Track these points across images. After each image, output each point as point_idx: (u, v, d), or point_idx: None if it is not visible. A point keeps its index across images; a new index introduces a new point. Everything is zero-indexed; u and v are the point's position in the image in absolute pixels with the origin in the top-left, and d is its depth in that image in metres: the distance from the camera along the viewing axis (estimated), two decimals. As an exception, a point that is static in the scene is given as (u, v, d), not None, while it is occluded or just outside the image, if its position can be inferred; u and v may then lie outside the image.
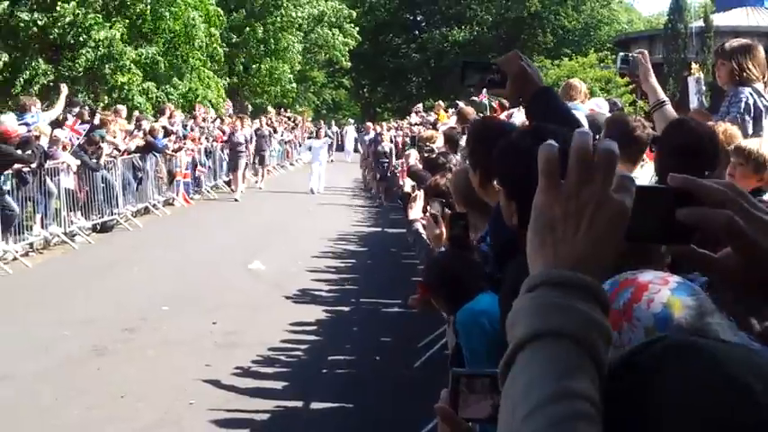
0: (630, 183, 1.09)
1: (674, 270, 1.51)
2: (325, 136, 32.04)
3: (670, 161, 3.37)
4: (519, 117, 10.81)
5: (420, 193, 6.24)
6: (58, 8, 22.91)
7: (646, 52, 4.89)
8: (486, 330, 3.71)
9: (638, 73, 4.43)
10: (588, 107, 7.54)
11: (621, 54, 4.80)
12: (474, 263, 4.23)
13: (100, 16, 23.60)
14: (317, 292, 11.78)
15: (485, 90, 8.67)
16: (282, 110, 41.20)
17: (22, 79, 23.27)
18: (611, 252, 1.08)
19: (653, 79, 4.22)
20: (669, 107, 4.03)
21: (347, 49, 49.72)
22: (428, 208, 5.96)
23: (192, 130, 23.30)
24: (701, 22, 34.85)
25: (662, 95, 4.07)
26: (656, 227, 1.15)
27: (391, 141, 24.49)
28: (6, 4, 22.82)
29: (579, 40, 57.48)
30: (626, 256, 1.25)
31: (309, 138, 32.75)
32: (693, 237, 1.17)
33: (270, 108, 38.43)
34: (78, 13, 22.97)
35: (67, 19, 22.88)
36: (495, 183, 2.77)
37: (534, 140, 2.39)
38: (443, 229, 5.42)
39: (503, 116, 8.82)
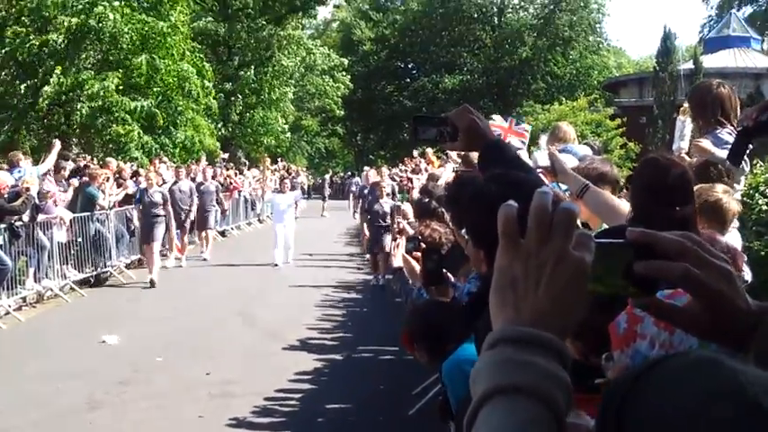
0: (589, 239, 1.13)
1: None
2: (293, 189, 24.74)
3: (642, 199, 3.42)
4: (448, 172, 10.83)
5: (402, 241, 6.23)
6: (40, 72, 23.15)
7: (552, 148, 4.93)
8: (472, 378, 3.68)
9: (555, 168, 4.45)
10: (582, 152, 7.56)
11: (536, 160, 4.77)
12: (455, 310, 4.22)
13: (92, 72, 23.73)
14: (312, 341, 11.70)
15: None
16: (279, 159, 41.28)
17: (7, 137, 23.44)
18: (573, 308, 1.11)
19: (568, 169, 4.26)
20: (593, 187, 4.06)
21: (339, 95, 50.10)
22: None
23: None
24: (689, 65, 35.11)
25: (582, 180, 4.11)
26: (618, 281, 1.17)
27: (391, 196, 18.60)
28: None
29: (570, 86, 57.93)
30: None
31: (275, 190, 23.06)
32: (656, 288, 1.21)
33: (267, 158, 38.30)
34: (63, 81, 23.07)
35: (49, 92, 23.00)
36: (462, 232, 2.76)
37: (499, 187, 2.40)
38: (415, 265, 5.44)
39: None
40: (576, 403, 1.06)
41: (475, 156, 7.14)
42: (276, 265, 19.91)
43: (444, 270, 5.09)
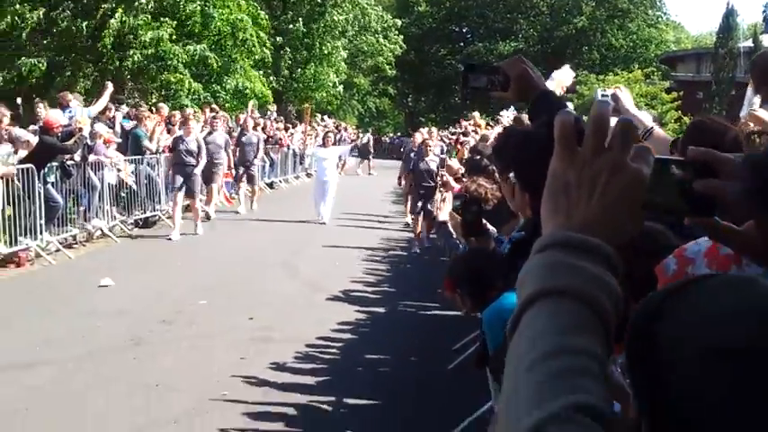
0: (648, 153, 1.12)
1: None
2: (335, 143, 23.41)
3: None
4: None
5: (448, 196, 6.20)
6: (99, 13, 23.22)
7: (622, 87, 4.83)
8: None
9: (619, 108, 4.35)
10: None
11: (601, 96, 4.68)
12: (497, 259, 4.22)
13: (149, 16, 23.83)
14: (354, 294, 11.76)
15: None
16: (328, 116, 41.14)
17: (64, 78, 23.65)
18: (625, 218, 1.09)
19: (634, 110, 4.16)
20: (658, 130, 3.96)
21: (392, 55, 49.78)
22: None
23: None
24: (749, 43, 34.60)
25: (648, 123, 4.01)
26: (675, 199, 1.15)
27: (441, 152, 16.97)
28: (42, 11, 23.07)
29: (626, 58, 57.22)
30: None
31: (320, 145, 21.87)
32: (715, 210, 1.18)
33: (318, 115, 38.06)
34: (125, 20, 23.21)
35: (115, 26, 23.14)
36: (510, 175, 2.70)
37: (548, 131, 2.35)
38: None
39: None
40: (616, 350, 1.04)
41: (525, 119, 7.07)
42: (323, 222, 19.20)
43: (484, 221, 5.07)
